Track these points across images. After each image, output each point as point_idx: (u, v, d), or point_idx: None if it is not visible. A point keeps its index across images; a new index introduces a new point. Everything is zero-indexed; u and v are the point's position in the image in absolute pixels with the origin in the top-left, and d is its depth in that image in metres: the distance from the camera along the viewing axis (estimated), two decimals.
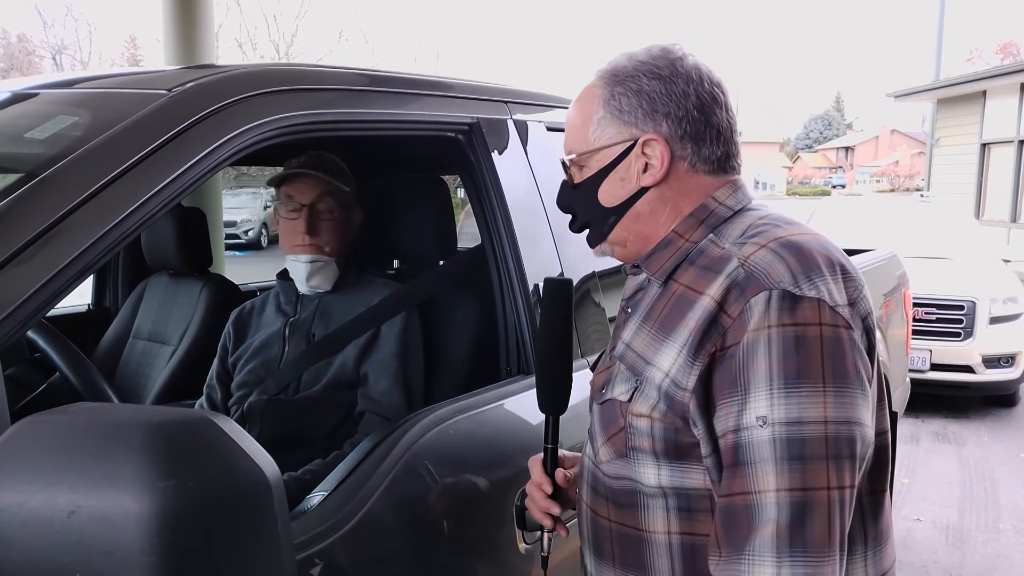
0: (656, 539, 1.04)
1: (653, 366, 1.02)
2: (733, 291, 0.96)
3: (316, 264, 1.86)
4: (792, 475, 0.91)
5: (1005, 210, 14.16)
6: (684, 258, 1.06)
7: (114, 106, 1.28)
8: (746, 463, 0.93)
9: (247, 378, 1.88)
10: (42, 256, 1.00)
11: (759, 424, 0.92)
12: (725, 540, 0.94)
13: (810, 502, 0.90)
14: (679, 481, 1.01)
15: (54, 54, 29.55)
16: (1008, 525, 4.14)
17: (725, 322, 0.96)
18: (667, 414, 0.99)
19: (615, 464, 1.07)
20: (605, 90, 1.09)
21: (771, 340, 0.93)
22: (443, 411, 1.51)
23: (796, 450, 0.91)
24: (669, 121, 1.06)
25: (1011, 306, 5.94)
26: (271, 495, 0.78)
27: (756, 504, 0.92)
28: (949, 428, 5.74)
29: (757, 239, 1.00)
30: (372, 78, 1.63)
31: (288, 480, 1.55)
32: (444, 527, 1.42)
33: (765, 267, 0.96)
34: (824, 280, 0.95)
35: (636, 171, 1.08)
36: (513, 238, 1.73)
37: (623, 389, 1.05)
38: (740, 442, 0.93)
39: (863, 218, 7.17)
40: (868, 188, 48.27)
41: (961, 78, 15.97)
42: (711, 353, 0.96)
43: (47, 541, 0.72)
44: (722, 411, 0.95)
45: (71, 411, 0.80)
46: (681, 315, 1.00)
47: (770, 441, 0.92)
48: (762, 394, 0.92)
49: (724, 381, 0.95)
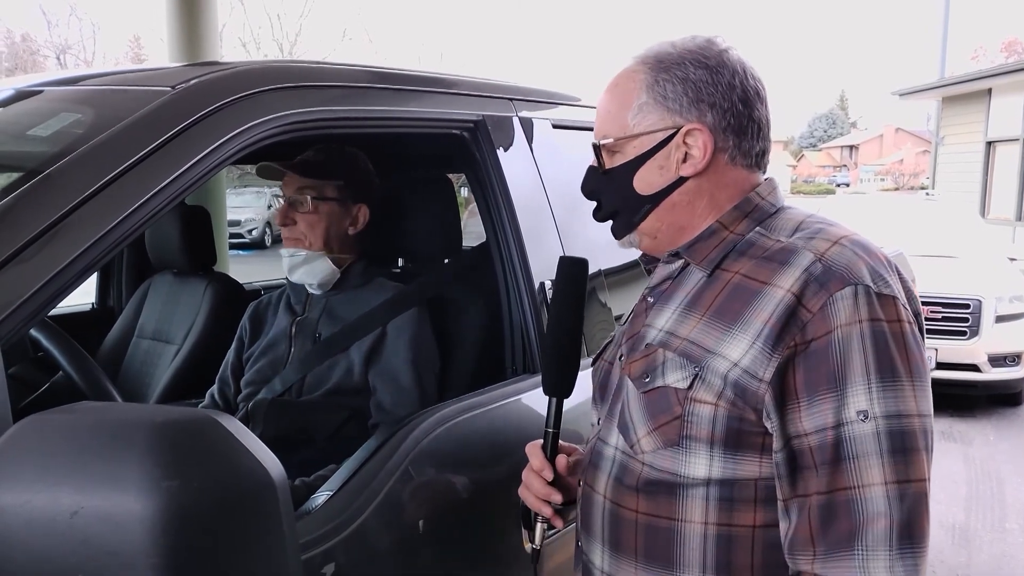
0: (691, 529, 1.02)
1: (716, 355, 1.00)
2: (812, 285, 0.96)
3: (295, 258, 1.86)
4: (898, 468, 0.92)
5: (1011, 208, 14.12)
6: (731, 249, 1.06)
7: (117, 103, 1.28)
8: (848, 458, 0.93)
9: (254, 377, 1.88)
10: (44, 254, 0.99)
11: (860, 419, 0.93)
12: (823, 536, 0.94)
13: (916, 494, 0.93)
14: (730, 472, 1.00)
15: (58, 54, 29.62)
16: (1015, 524, 4.12)
17: (804, 315, 0.95)
18: (736, 403, 0.98)
19: (661, 454, 1.03)
20: (649, 75, 1.08)
21: (863, 335, 0.94)
22: (448, 410, 1.50)
23: (899, 443, 0.93)
24: (714, 112, 1.06)
25: (1017, 305, 5.92)
26: (276, 495, 0.77)
27: (862, 498, 0.92)
28: (955, 427, 5.72)
29: (824, 235, 1.01)
30: (377, 75, 1.62)
31: (300, 485, 1.54)
32: (449, 526, 1.41)
33: (845, 263, 0.97)
34: (893, 278, 0.99)
35: (676, 160, 1.07)
36: (519, 236, 1.72)
37: (679, 376, 1.02)
38: (841, 437, 0.93)
39: (868, 217, 7.14)
40: (873, 187, 48.21)
41: (966, 76, 15.94)
42: (791, 346, 0.95)
43: (50, 541, 0.72)
44: (815, 407, 0.94)
45: (74, 410, 0.79)
46: (745, 304, 0.99)
47: (874, 435, 0.92)
48: (860, 388, 0.93)
49: (815, 376, 0.95)
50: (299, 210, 1.85)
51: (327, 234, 1.87)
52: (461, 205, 3.08)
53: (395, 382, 1.77)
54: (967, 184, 15.26)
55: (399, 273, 2.22)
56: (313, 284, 1.89)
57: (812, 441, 0.95)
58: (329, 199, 1.87)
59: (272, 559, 0.78)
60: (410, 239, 2.06)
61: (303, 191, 1.85)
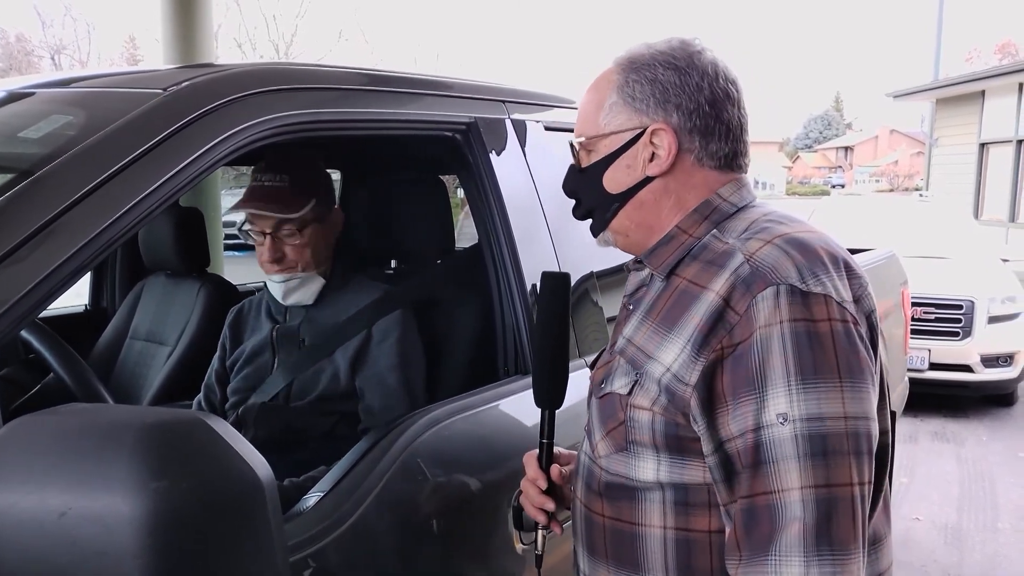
0: (651, 533, 1.04)
1: (654, 360, 1.01)
2: (739, 287, 0.95)
3: (290, 283, 1.81)
4: (816, 472, 0.90)
5: (1004, 210, 14.17)
6: (687, 253, 1.07)
7: (109, 105, 1.28)
8: (767, 461, 0.92)
9: (241, 384, 1.86)
10: (36, 255, 0.99)
11: (780, 421, 0.91)
12: (746, 541, 0.93)
13: (835, 499, 0.90)
14: (678, 476, 1.01)
15: (53, 54, 29.55)
16: (1007, 524, 4.13)
17: (731, 318, 0.95)
18: (668, 408, 0.99)
19: (613, 459, 1.06)
20: (620, 76, 1.09)
21: (784, 335, 0.92)
22: (440, 411, 1.51)
23: (819, 446, 0.90)
24: (680, 112, 1.07)
25: (1009, 305, 5.94)
26: (264, 496, 0.78)
27: (779, 503, 0.91)
28: (948, 427, 5.74)
29: (761, 235, 1.00)
30: (369, 77, 1.62)
31: (289, 485, 1.54)
32: (440, 528, 1.41)
33: (771, 263, 0.95)
34: (829, 276, 0.96)
35: (643, 159, 1.08)
36: (511, 238, 1.72)
37: (623, 383, 1.05)
38: (761, 440, 0.92)
39: (862, 218, 7.16)
40: (867, 188, 48.29)
41: (960, 78, 15.99)
42: (717, 349, 0.95)
43: (39, 542, 0.72)
44: (738, 410, 0.94)
45: (63, 412, 0.80)
46: (684, 310, 1.00)
47: (792, 438, 0.91)
48: (780, 391, 0.91)
49: (737, 379, 0.94)
50: (287, 242, 1.78)
51: (316, 254, 1.82)
52: (457, 207, 3.09)
53: (383, 386, 1.76)
54: (961, 185, 15.30)
55: (391, 275, 2.23)
56: (308, 302, 1.85)
57: (738, 445, 0.94)
58: (311, 222, 1.79)
59: (260, 560, 0.78)
60: (402, 240, 2.06)
61: (285, 225, 1.77)
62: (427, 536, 1.39)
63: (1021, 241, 12.58)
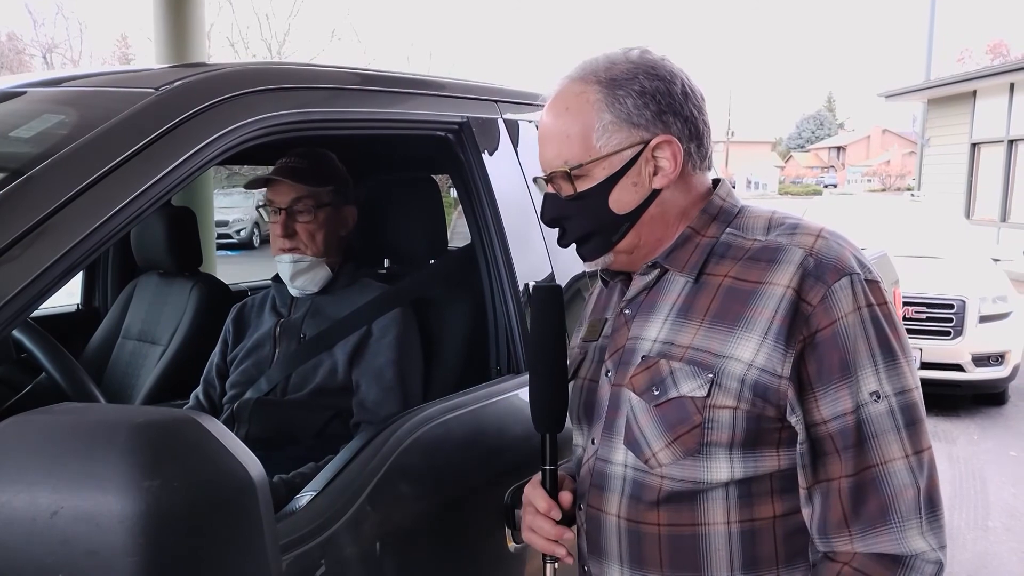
0: (715, 532, 1.04)
1: (728, 358, 1.01)
2: (808, 279, 1.00)
3: (299, 264, 1.85)
4: (913, 440, 0.99)
5: (995, 209, 14.24)
6: (710, 252, 1.08)
7: (101, 105, 1.27)
8: (869, 437, 0.98)
9: (239, 378, 1.88)
10: (27, 255, 0.99)
11: (873, 399, 0.98)
12: (857, 516, 0.98)
13: (928, 462, 1.00)
14: (751, 470, 1.02)
15: (44, 53, 29.38)
16: (997, 523, 4.15)
17: (806, 309, 0.99)
18: (755, 403, 1.00)
19: (681, 465, 1.03)
20: (603, 94, 1.06)
21: (864, 321, 0.99)
22: (433, 410, 1.51)
23: (908, 416, 0.99)
24: (678, 122, 1.07)
25: (1001, 305, 5.96)
26: (256, 495, 0.78)
27: (886, 473, 0.98)
28: (939, 426, 5.76)
29: (803, 231, 1.05)
30: (361, 77, 1.62)
31: (279, 482, 1.54)
32: (433, 526, 1.42)
33: (835, 255, 1.01)
34: (871, 264, 1.05)
35: (647, 174, 1.08)
36: (503, 237, 1.72)
37: (694, 385, 1.01)
38: (861, 418, 0.98)
39: (854, 217, 7.18)
40: (860, 187, 48.44)
41: (951, 78, 16.06)
42: (802, 339, 0.99)
43: (30, 541, 0.72)
44: (831, 394, 0.98)
45: (54, 411, 0.79)
46: (744, 305, 1.01)
47: (888, 412, 0.98)
48: (869, 371, 0.98)
49: (827, 365, 0.98)
50: (299, 219, 1.84)
51: (326, 240, 1.87)
52: (450, 206, 3.09)
53: (378, 381, 1.78)
54: (952, 185, 15.37)
55: (385, 274, 2.23)
56: (312, 290, 1.89)
57: (832, 428, 0.99)
58: (326, 205, 1.87)
59: (252, 559, 0.78)
60: (395, 240, 2.06)
61: (302, 200, 1.84)
62: (419, 535, 1.39)
63: (1012, 241, 12.64)
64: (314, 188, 1.84)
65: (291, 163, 1.86)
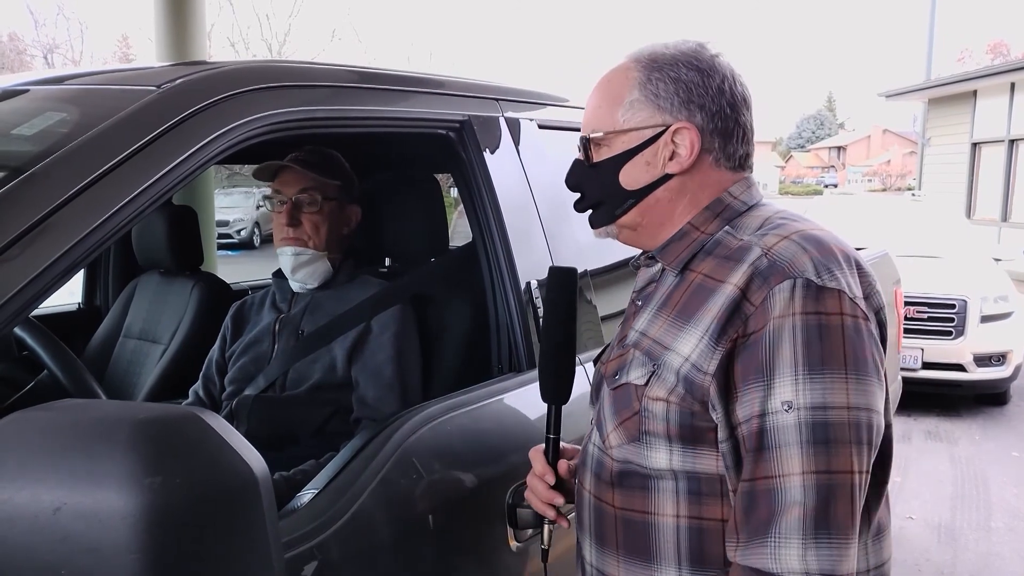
0: (664, 522, 1.05)
1: (671, 351, 1.03)
2: (756, 279, 0.98)
3: (301, 257, 1.86)
4: (818, 458, 0.92)
5: (996, 209, 14.24)
6: (700, 249, 1.08)
7: (102, 102, 1.27)
8: (771, 447, 0.94)
9: (238, 375, 1.88)
10: (28, 253, 0.99)
11: (784, 408, 0.94)
12: (745, 524, 0.96)
13: (835, 485, 0.92)
14: (691, 465, 1.02)
15: (45, 53, 29.37)
16: (1000, 523, 4.15)
17: (748, 309, 0.97)
18: (685, 398, 1.00)
19: (625, 449, 1.07)
20: (642, 73, 1.10)
21: (795, 327, 0.95)
22: (434, 408, 1.51)
23: (821, 434, 0.93)
24: (703, 113, 1.08)
25: (1002, 304, 5.96)
26: (259, 491, 0.77)
27: (780, 488, 0.93)
28: (941, 427, 5.76)
29: (778, 231, 1.03)
30: (363, 75, 1.62)
31: (280, 480, 1.54)
32: (434, 524, 1.41)
33: (789, 257, 0.98)
34: (843, 272, 0.98)
35: (663, 157, 1.10)
36: (504, 236, 1.72)
37: (639, 374, 1.06)
38: (765, 426, 0.95)
39: (855, 217, 7.18)
40: (860, 187, 48.45)
41: (952, 78, 16.05)
42: (733, 339, 0.98)
43: (32, 539, 0.72)
44: (746, 396, 0.97)
45: (56, 408, 0.79)
46: (701, 302, 1.02)
47: (795, 425, 0.93)
48: (787, 379, 0.94)
49: (748, 367, 0.96)
50: (305, 210, 1.86)
51: (329, 235, 1.88)
52: (451, 205, 3.09)
53: (378, 377, 1.78)
54: (953, 185, 15.37)
55: (385, 272, 2.23)
56: (312, 284, 1.90)
57: (743, 430, 0.97)
58: (332, 199, 1.89)
59: (255, 556, 0.78)
60: (396, 238, 2.06)
61: (309, 191, 1.85)
62: (422, 533, 1.39)
63: (1013, 240, 12.63)
64: (322, 179, 1.86)
65: (301, 155, 1.88)
